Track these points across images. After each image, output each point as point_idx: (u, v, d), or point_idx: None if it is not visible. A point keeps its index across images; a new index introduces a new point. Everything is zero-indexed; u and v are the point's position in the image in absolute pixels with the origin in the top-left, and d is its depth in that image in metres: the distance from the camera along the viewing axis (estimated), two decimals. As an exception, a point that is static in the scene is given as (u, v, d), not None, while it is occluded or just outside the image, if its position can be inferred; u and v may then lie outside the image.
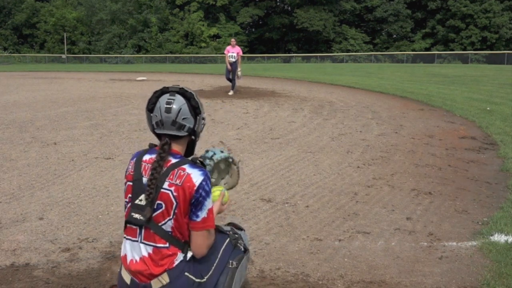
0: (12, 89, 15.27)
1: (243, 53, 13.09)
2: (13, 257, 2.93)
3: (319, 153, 5.84)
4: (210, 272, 2.04)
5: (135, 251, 1.95)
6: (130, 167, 2.01)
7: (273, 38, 54.28)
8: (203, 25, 51.09)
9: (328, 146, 6.25)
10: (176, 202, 1.90)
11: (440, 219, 3.58)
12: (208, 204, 1.96)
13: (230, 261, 2.15)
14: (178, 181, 1.91)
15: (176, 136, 2.02)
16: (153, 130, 2.08)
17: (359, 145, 6.33)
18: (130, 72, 27.34)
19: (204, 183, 1.94)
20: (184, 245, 1.99)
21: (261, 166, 5.20)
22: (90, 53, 52.64)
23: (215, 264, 2.08)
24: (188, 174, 1.92)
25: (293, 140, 6.63)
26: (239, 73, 13.26)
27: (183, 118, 2.00)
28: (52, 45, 53.92)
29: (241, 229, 2.37)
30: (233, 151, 5.96)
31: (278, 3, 55.86)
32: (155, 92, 2.08)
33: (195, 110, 2.05)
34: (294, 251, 3.01)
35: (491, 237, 3.20)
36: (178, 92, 2.04)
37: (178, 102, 2.01)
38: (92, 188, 4.39)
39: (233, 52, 13.15)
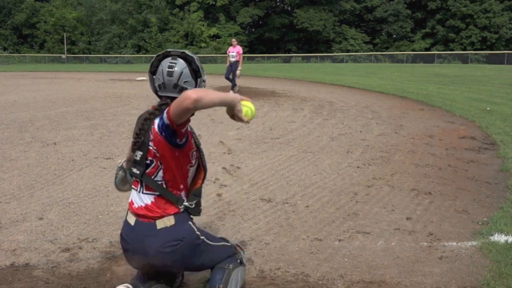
0: (12, 89, 15.26)
1: (244, 52, 13.46)
2: (13, 257, 2.93)
3: (319, 153, 5.83)
4: (209, 241, 2.19)
5: (139, 199, 2.11)
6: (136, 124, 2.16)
7: (273, 38, 54.29)
8: (203, 25, 51.11)
9: (328, 146, 6.25)
10: (158, 153, 2.05)
11: (440, 219, 3.58)
12: (165, 119, 1.98)
13: (227, 264, 2.27)
14: (152, 136, 2.06)
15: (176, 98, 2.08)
16: (156, 92, 2.16)
17: (359, 145, 6.33)
18: (130, 72, 27.34)
19: (157, 121, 2.04)
20: (178, 199, 2.12)
21: (261, 166, 5.20)
22: (90, 53, 52.65)
23: (213, 243, 2.23)
24: (153, 128, 2.06)
25: (293, 140, 6.63)
26: (238, 71, 13.39)
27: (185, 81, 2.09)
28: (52, 45, 53.93)
29: (243, 251, 2.47)
30: (233, 151, 5.97)
31: (278, 3, 55.87)
32: (158, 56, 2.15)
33: (196, 73, 2.13)
34: (294, 251, 3.01)
35: (491, 237, 3.19)
36: (179, 56, 2.11)
37: (180, 66, 2.08)
38: (92, 188, 4.39)
39: (233, 51, 13.42)
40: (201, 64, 2.15)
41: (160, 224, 2.06)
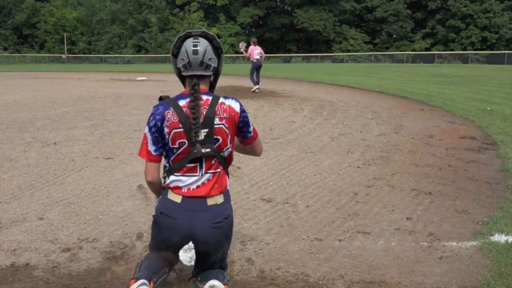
0: (12, 89, 15.26)
1: (246, 52, 14.00)
2: (13, 257, 2.93)
3: (319, 153, 5.83)
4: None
5: (195, 183, 2.16)
6: (169, 116, 2.14)
7: (273, 38, 54.29)
8: (203, 25, 51.06)
9: (328, 146, 6.24)
10: (228, 131, 2.19)
11: (440, 219, 3.58)
12: (250, 119, 2.31)
13: (226, 274, 2.37)
14: (225, 115, 2.17)
15: (202, 76, 2.20)
16: (179, 74, 2.25)
17: (359, 145, 6.33)
18: (130, 72, 27.34)
19: (243, 107, 2.25)
20: (228, 175, 2.31)
21: (261, 166, 5.20)
22: (90, 53, 52.65)
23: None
24: (229, 105, 2.20)
25: (293, 140, 6.63)
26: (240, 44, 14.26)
27: (209, 59, 2.19)
28: (52, 45, 53.93)
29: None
30: (233, 151, 5.96)
31: (278, 3, 55.88)
32: (179, 37, 2.24)
33: (218, 50, 2.23)
34: (294, 251, 3.01)
35: (491, 237, 3.19)
36: (201, 35, 2.21)
37: (203, 44, 2.18)
38: (92, 188, 4.39)
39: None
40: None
41: (211, 201, 2.15)
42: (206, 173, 2.16)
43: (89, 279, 2.64)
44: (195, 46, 2.15)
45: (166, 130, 2.13)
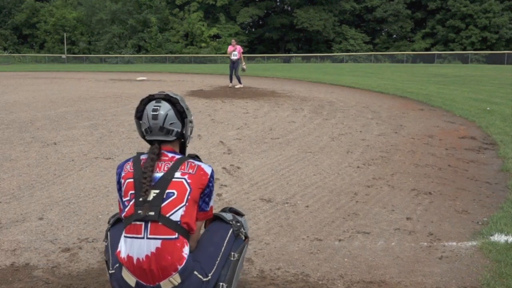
0: (12, 89, 15.27)
1: (244, 52, 15.35)
2: (13, 257, 2.93)
3: (319, 153, 5.83)
4: (214, 268, 2.02)
5: (141, 248, 1.89)
6: (128, 167, 2.05)
7: (273, 38, 54.32)
8: (203, 25, 51.12)
9: (328, 146, 6.25)
10: (190, 188, 1.96)
11: (440, 219, 3.58)
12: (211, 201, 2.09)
13: (232, 253, 2.12)
14: (191, 171, 1.99)
15: (166, 141, 2.08)
16: (143, 137, 2.15)
17: (359, 145, 6.33)
18: (130, 72, 27.34)
19: (213, 173, 2.08)
20: (189, 236, 1.97)
21: (261, 166, 5.20)
22: (90, 53, 52.65)
23: (218, 259, 2.05)
24: (199, 165, 2.03)
25: (293, 140, 6.63)
26: (244, 67, 15.42)
27: (171, 123, 2.07)
28: (52, 45, 53.94)
29: (241, 214, 2.36)
30: (233, 151, 5.97)
31: (278, 3, 55.89)
32: (142, 100, 2.14)
33: (181, 114, 2.10)
34: (294, 251, 3.01)
35: (491, 237, 3.19)
36: (163, 99, 2.09)
37: (164, 108, 2.07)
38: (92, 188, 4.39)
39: (234, 50, 15.10)
40: (186, 104, 2.13)
41: (166, 285, 1.89)
42: (150, 238, 1.88)
43: (89, 279, 2.64)
44: (155, 110, 2.04)
45: (122, 181, 2.03)
